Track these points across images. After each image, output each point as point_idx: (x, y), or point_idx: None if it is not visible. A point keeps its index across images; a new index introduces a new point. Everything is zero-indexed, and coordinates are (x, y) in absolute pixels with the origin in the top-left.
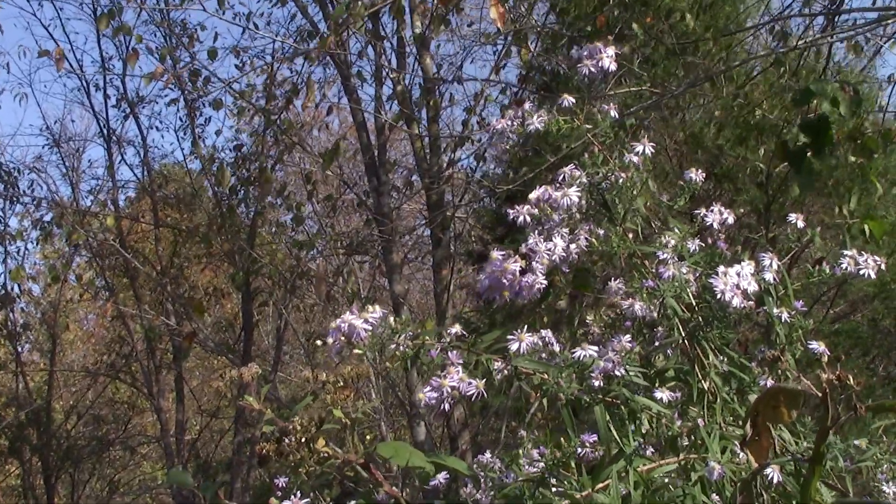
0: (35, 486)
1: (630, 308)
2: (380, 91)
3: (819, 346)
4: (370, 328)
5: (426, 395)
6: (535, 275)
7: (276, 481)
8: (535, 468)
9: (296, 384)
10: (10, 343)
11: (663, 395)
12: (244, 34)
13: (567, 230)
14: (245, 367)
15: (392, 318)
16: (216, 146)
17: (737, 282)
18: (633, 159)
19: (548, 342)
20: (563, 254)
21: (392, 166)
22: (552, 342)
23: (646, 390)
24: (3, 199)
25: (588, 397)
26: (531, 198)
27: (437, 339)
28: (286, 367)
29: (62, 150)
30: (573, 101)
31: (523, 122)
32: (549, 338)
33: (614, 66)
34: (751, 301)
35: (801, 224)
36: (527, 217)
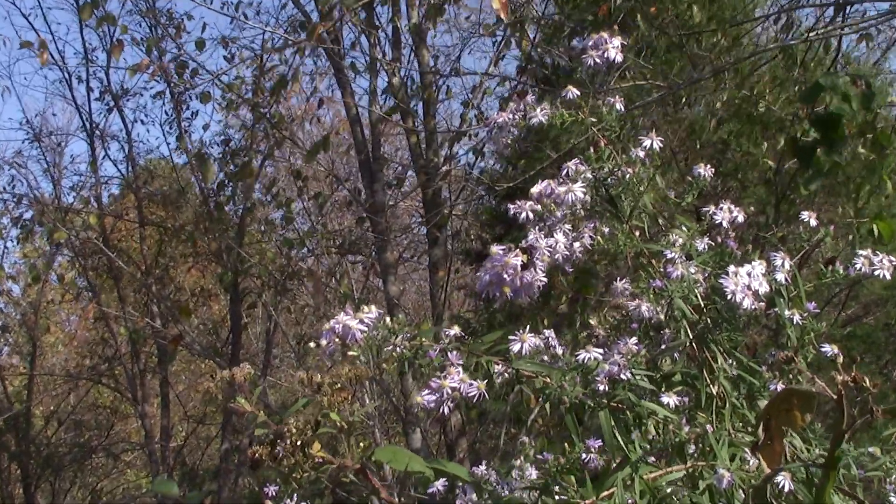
0: (14, 494)
1: (636, 309)
2: (374, 83)
3: (832, 349)
4: (366, 329)
5: (424, 398)
6: (536, 271)
7: (265, 490)
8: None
9: (286, 389)
10: None
11: (670, 399)
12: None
13: (569, 227)
14: (237, 367)
15: (388, 319)
16: (203, 141)
17: (748, 282)
18: (640, 154)
19: (550, 344)
20: (567, 252)
21: (387, 162)
22: (555, 344)
23: (652, 395)
24: None
25: (592, 402)
26: (533, 192)
27: (435, 340)
28: (276, 371)
29: (43, 144)
30: (577, 93)
31: (525, 115)
32: (551, 340)
33: (620, 58)
34: (761, 302)
35: (813, 222)
36: (529, 214)
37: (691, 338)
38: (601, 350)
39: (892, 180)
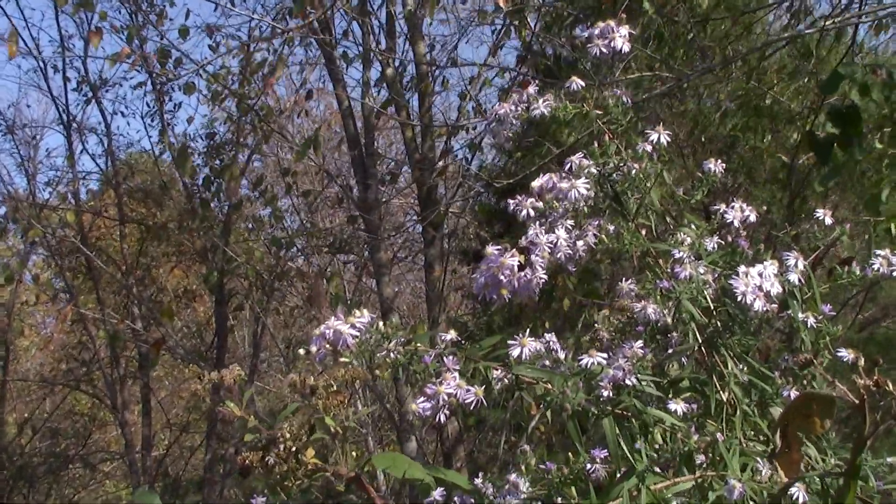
0: None
1: (642, 311)
2: (367, 74)
3: (849, 354)
4: (357, 334)
5: (419, 405)
6: (535, 269)
7: (252, 501)
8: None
9: (274, 395)
10: None
11: (678, 406)
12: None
13: (571, 222)
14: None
15: (381, 323)
16: (187, 134)
17: (759, 283)
18: (647, 149)
19: (552, 348)
20: (569, 251)
21: (380, 157)
22: (556, 348)
23: (659, 401)
24: None
25: (596, 409)
26: (534, 186)
27: (431, 345)
28: (264, 376)
29: (17, 137)
30: (582, 84)
31: (528, 107)
32: (553, 343)
33: (628, 48)
34: (774, 304)
35: (828, 221)
36: (530, 210)
37: (700, 341)
38: (605, 354)
39: None
